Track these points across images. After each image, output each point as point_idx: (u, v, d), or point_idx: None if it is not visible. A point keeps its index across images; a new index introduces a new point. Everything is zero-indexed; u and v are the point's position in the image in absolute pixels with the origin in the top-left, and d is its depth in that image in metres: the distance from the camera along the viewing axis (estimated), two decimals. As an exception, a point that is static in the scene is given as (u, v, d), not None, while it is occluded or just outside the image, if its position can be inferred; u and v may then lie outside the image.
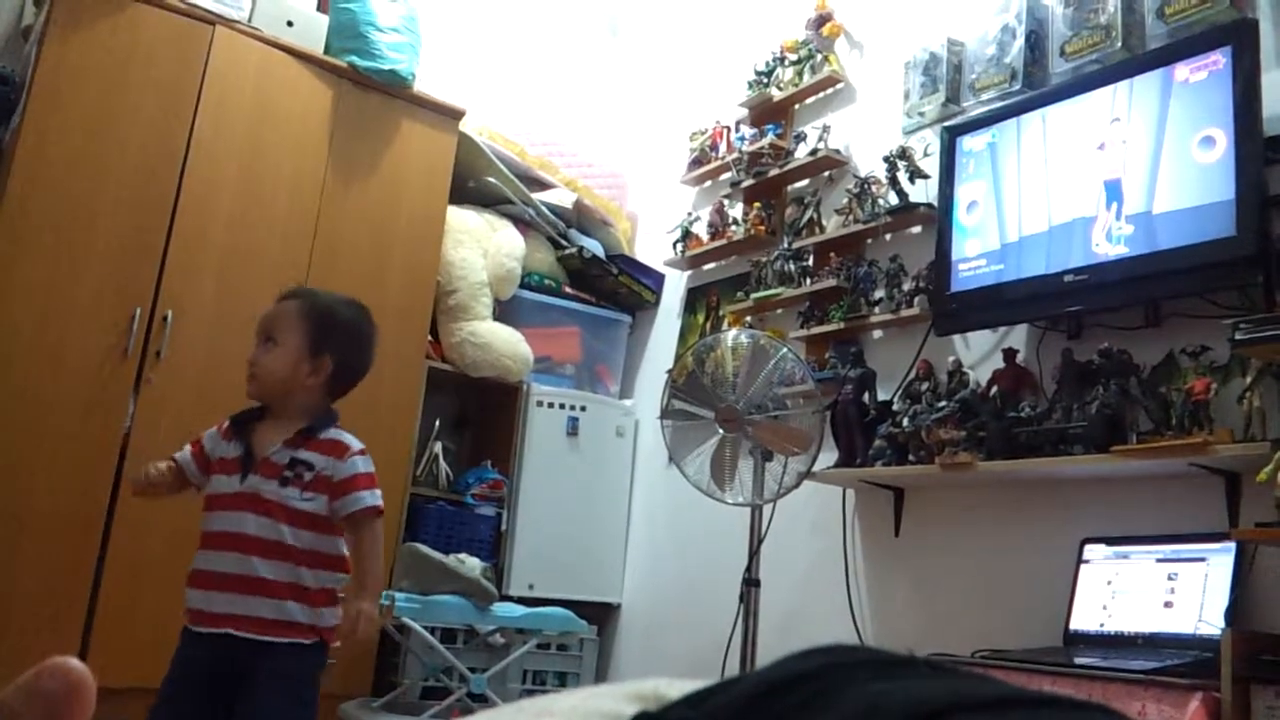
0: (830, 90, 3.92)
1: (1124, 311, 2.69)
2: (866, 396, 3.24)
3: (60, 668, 0.34)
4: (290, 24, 3.84)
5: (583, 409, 4.35)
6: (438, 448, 4.17)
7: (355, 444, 2.23)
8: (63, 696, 0.34)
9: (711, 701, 0.33)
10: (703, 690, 0.34)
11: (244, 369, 2.28)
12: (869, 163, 3.60)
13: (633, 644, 4.21)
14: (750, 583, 2.99)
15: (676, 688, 0.34)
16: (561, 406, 4.31)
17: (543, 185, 4.57)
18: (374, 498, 2.19)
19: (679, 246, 4.36)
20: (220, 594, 2.10)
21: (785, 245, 3.78)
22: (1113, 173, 2.67)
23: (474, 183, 4.32)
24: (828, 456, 3.19)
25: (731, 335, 3.11)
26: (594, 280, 4.56)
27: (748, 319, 3.93)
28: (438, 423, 4.18)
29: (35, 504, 3.18)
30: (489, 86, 4.61)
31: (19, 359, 3.21)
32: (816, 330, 3.55)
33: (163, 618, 3.24)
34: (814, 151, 3.78)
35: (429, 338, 4.07)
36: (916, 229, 3.41)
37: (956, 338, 3.17)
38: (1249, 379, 2.34)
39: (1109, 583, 2.54)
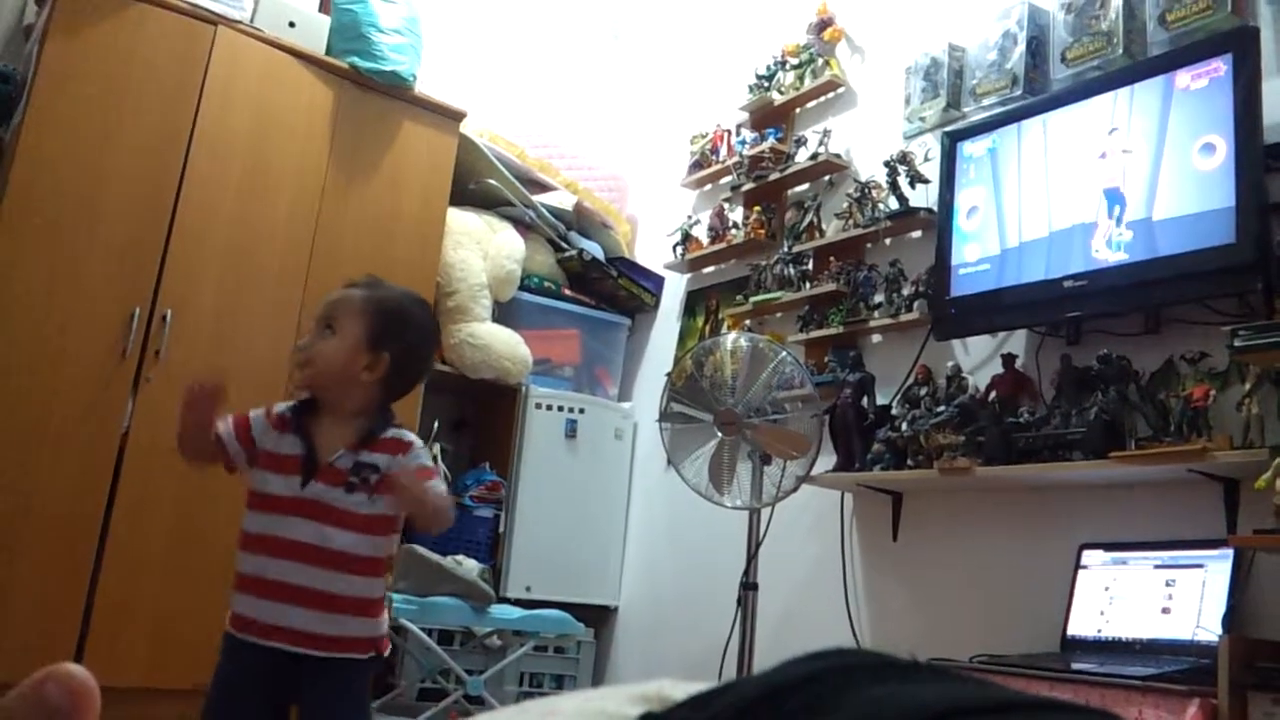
0: (831, 94, 3.93)
1: (1123, 318, 2.70)
2: (865, 401, 3.24)
3: (63, 675, 0.33)
4: (292, 25, 3.84)
5: (581, 411, 4.35)
6: (436, 449, 4.16)
7: (416, 439, 2.10)
8: (67, 706, 0.33)
9: (715, 704, 0.33)
10: (706, 692, 0.34)
11: (244, 370, 2.25)
12: (869, 167, 3.60)
13: (630, 647, 4.20)
14: (748, 586, 3.00)
15: (681, 689, 0.34)
16: (560, 409, 4.31)
17: (543, 187, 4.57)
18: (434, 487, 2.03)
19: (679, 250, 4.36)
20: (274, 604, 1.95)
21: (785, 249, 3.78)
22: (1113, 179, 2.67)
23: (474, 184, 4.32)
24: (826, 460, 3.19)
25: (730, 339, 3.12)
26: (593, 283, 4.56)
27: (747, 322, 3.93)
28: (436, 424, 4.18)
29: (33, 503, 3.17)
30: (490, 88, 4.61)
31: (18, 358, 3.21)
32: (816, 334, 3.56)
33: (160, 617, 3.25)
34: (814, 156, 3.78)
35: (428, 339, 4.06)
36: (916, 234, 3.41)
37: (956, 343, 3.17)
38: (1248, 385, 2.34)
39: (1107, 588, 2.54)
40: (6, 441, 3.17)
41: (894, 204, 3.40)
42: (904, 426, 3.05)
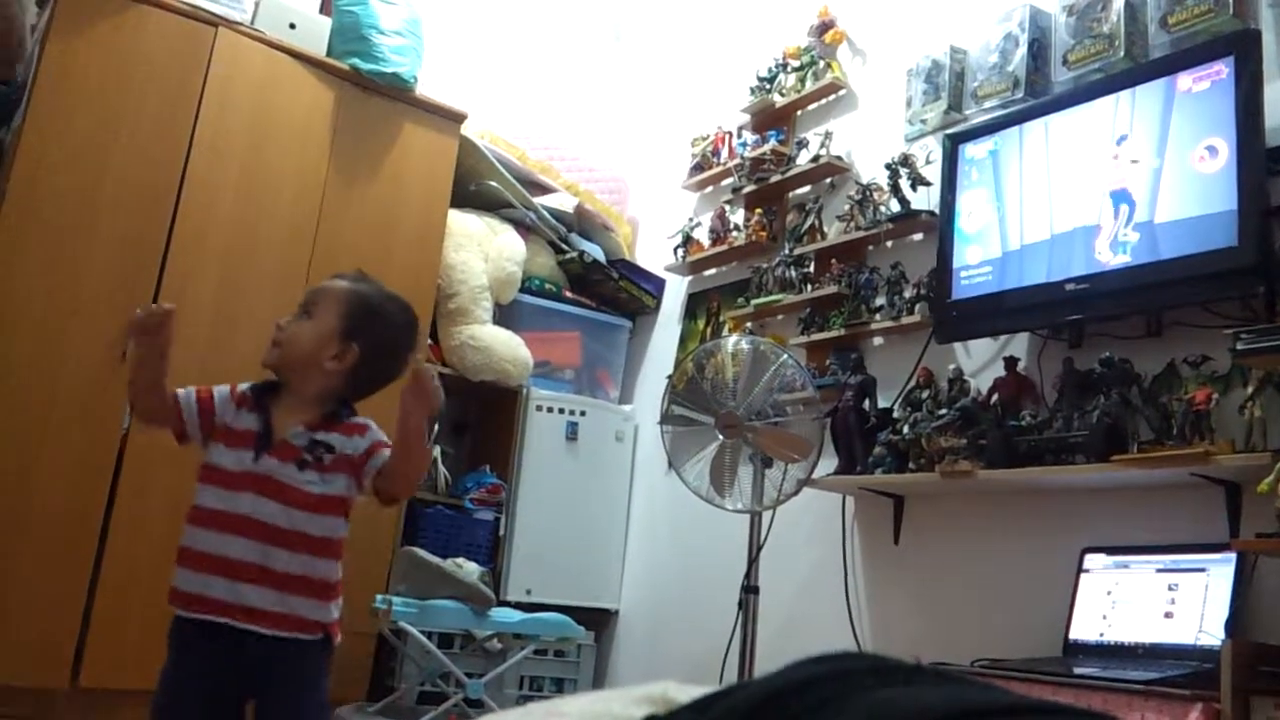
0: (832, 97, 3.93)
1: (1125, 321, 2.69)
2: (867, 403, 3.24)
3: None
4: (293, 26, 3.84)
5: (582, 414, 4.34)
6: (436, 452, 4.16)
7: (373, 423, 2.13)
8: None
9: (718, 707, 0.33)
10: (710, 695, 0.33)
11: (244, 370, 2.25)
12: (871, 169, 3.60)
13: (631, 650, 4.20)
14: (749, 590, 2.99)
15: (685, 692, 0.34)
16: (561, 411, 4.30)
17: (544, 189, 4.57)
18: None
19: (680, 252, 4.36)
20: (221, 580, 1.96)
21: (786, 251, 3.78)
22: (1115, 182, 2.67)
23: (475, 186, 4.32)
24: (827, 463, 3.19)
25: (732, 341, 3.11)
26: (595, 285, 4.56)
27: (748, 325, 3.93)
28: (436, 427, 4.18)
29: (33, 503, 3.17)
30: (491, 90, 4.61)
31: (19, 358, 3.21)
32: (817, 337, 3.55)
33: (159, 619, 3.22)
34: (816, 158, 3.78)
35: (429, 341, 4.06)
36: (918, 236, 3.41)
37: (957, 345, 3.17)
38: (1250, 389, 2.34)
39: (1109, 592, 2.54)
40: (6, 441, 3.17)
41: (895, 206, 3.40)
42: (905, 429, 3.04)
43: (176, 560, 2.03)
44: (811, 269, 3.73)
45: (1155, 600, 2.43)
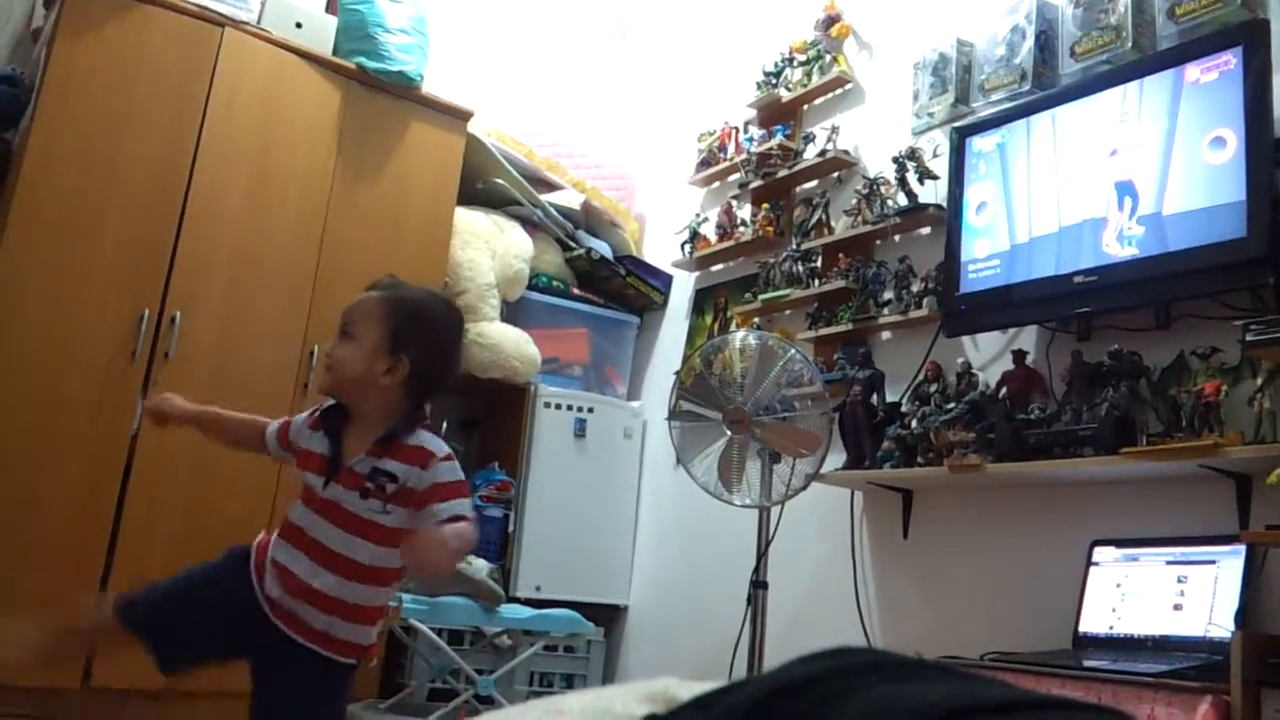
0: (839, 91, 3.92)
1: (1134, 313, 2.68)
2: (875, 398, 3.23)
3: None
4: (299, 25, 3.85)
5: (590, 410, 4.34)
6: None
7: (440, 449, 2.04)
8: None
9: (721, 704, 0.33)
10: (712, 692, 0.33)
11: (251, 370, 2.25)
12: (878, 164, 3.59)
13: (640, 646, 4.20)
14: (758, 585, 2.99)
15: (687, 689, 0.34)
16: (569, 408, 4.31)
17: (550, 186, 4.57)
18: (456, 508, 1.97)
19: (687, 248, 4.35)
20: (281, 591, 1.98)
21: (794, 246, 3.78)
22: (1123, 174, 2.66)
23: (482, 184, 4.32)
24: (836, 458, 3.18)
25: (739, 336, 3.11)
26: (602, 281, 4.56)
27: (756, 320, 3.93)
28: (445, 424, 4.18)
29: (43, 505, 3.18)
30: (497, 88, 4.61)
31: (28, 360, 3.22)
32: (825, 331, 3.55)
33: (171, 618, 3.25)
34: (823, 152, 3.77)
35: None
36: (925, 230, 3.40)
37: (965, 339, 3.16)
38: (1260, 380, 2.33)
39: (1118, 585, 2.53)
40: (17, 443, 3.18)
41: (903, 200, 3.39)
42: (914, 424, 3.04)
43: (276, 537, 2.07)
44: (819, 264, 3.72)
45: (1165, 593, 2.42)
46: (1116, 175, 2.68)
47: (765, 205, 4.03)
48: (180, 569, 2.10)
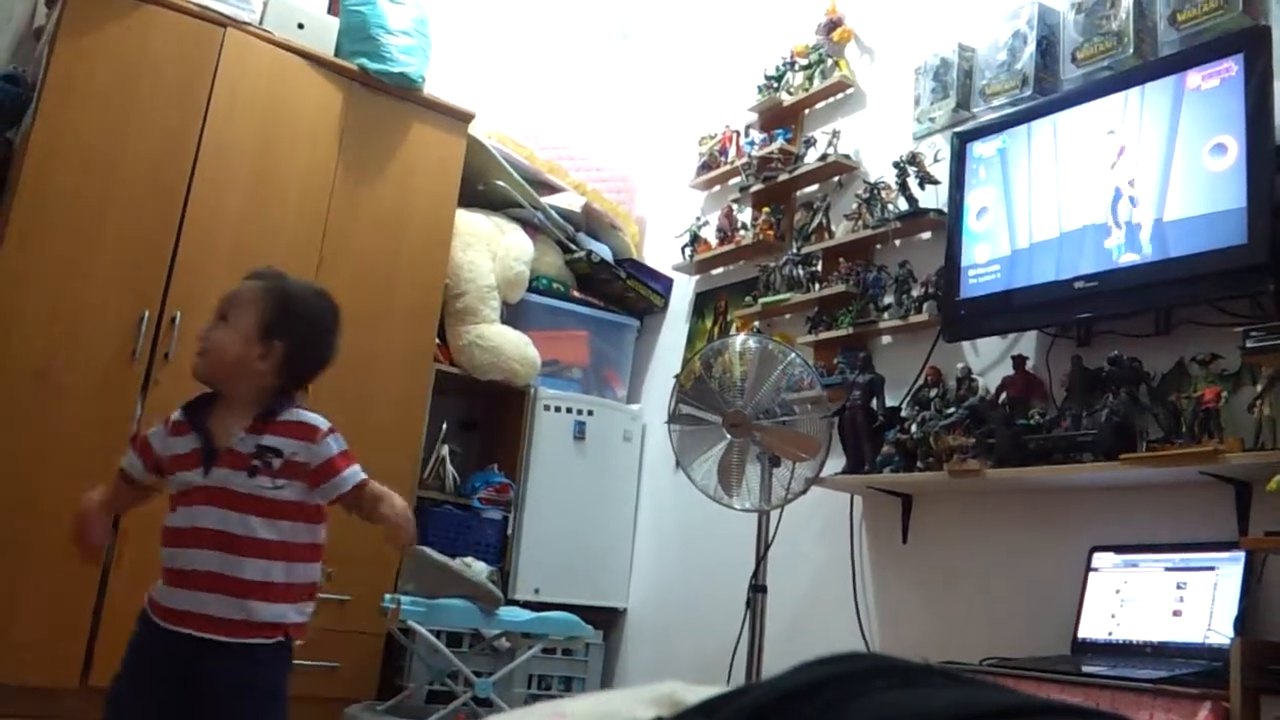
0: (840, 95, 3.92)
1: (1134, 319, 2.68)
2: (875, 402, 3.23)
3: None
4: (301, 26, 3.85)
5: (590, 413, 4.34)
6: (445, 451, 4.17)
7: (323, 423, 2.12)
8: None
9: (727, 708, 0.33)
10: (718, 697, 0.33)
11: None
12: (879, 168, 3.59)
13: (639, 649, 4.20)
14: (757, 589, 2.99)
15: (693, 692, 0.34)
16: (569, 410, 4.31)
17: (551, 189, 4.57)
18: (352, 477, 2.09)
19: (687, 251, 4.35)
20: (185, 591, 2.01)
21: (794, 250, 3.78)
22: (1124, 180, 2.66)
23: (483, 186, 4.33)
24: (835, 462, 3.19)
25: (739, 340, 3.11)
26: (602, 284, 4.56)
27: (756, 324, 3.93)
28: (445, 426, 4.18)
29: (42, 505, 3.18)
30: (499, 90, 4.62)
31: (27, 359, 3.22)
32: (825, 336, 3.55)
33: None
34: (824, 156, 3.77)
35: (437, 341, 4.07)
36: (926, 235, 3.40)
37: (966, 344, 3.16)
38: (1259, 387, 2.33)
39: (1118, 591, 2.53)
40: (16, 442, 3.18)
41: (903, 205, 3.39)
42: (914, 428, 3.04)
43: (161, 577, 2.09)
44: (819, 268, 3.72)
45: (1164, 599, 2.42)
46: (1117, 181, 2.68)
47: (766, 209, 4.03)
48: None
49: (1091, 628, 2.54)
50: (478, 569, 3.57)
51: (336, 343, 2.24)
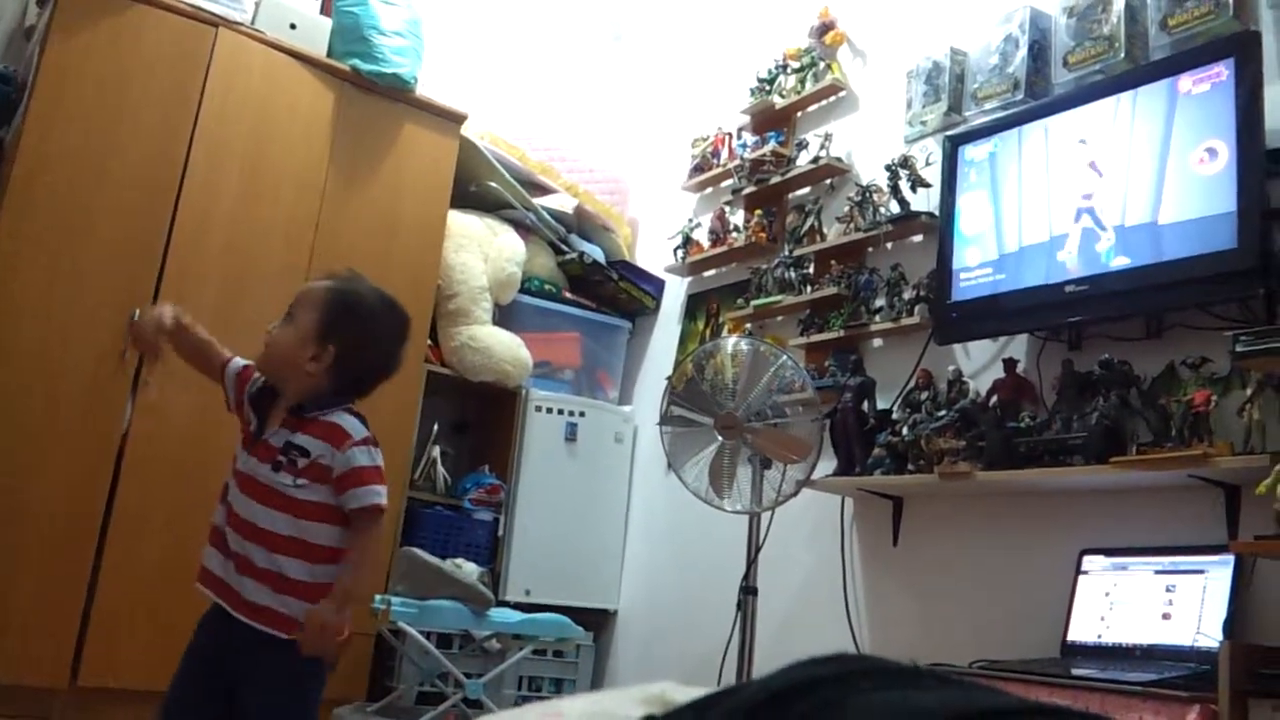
0: (832, 98, 3.93)
1: (1124, 322, 2.69)
2: (866, 405, 3.24)
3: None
4: (293, 27, 3.84)
5: (582, 415, 4.34)
6: (436, 452, 4.16)
7: (357, 432, 2.11)
8: None
9: (718, 708, 0.33)
10: (709, 696, 0.33)
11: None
12: (870, 171, 3.60)
13: (630, 651, 4.20)
14: (748, 591, 2.99)
15: (684, 692, 0.34)
16: (560, 412, 4.30)
17: (544, 190, 4.57)
18: (371, 495, 2.07)
19: (680, 253, 4.36)
20: (218, 555, 2.08)
21: (786, 253, 3.78)
22: (1115, 184, 2.67)
23: (475, 187, 4.32)
24: (826, 465, 3.19)
25: (731, 342, 3.11)
26: (594, 286, 4.56)
27: (748, 326, 3.93)
28: (436, 427, 4.18)
29: (32, 505, 3.17)
30: (491, 91, 4.61)
31: (17, 359, 3.21)
32: (816, 338, 3.55)
33: (158, 620, 3.24)
34: (816, 159, 3.78)
35: (428, 342, 4.06)
36: (918, 238, 3.41)
37: (957, 347, 3.17)
38: (1249, 391, 2.34)
39: (1107, 594, 2.54)
40: (7, 441, 3.17)
41: (895, 208, 3.40)
42: (905, 431, 3.04)
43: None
44: (811, 270, 3.73)
45: (1153, 602, 2.43)
46: (1108, 185, 2.69)
47: (758, 211, 4.03)
48: (168, 566, 2.18)
49: (1081, 630, 2.55)
50: (468, 570, 3.57)
51: (398, 353, 2.23)
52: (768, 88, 4.12)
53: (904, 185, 3.36)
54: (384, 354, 2.22)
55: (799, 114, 4.08)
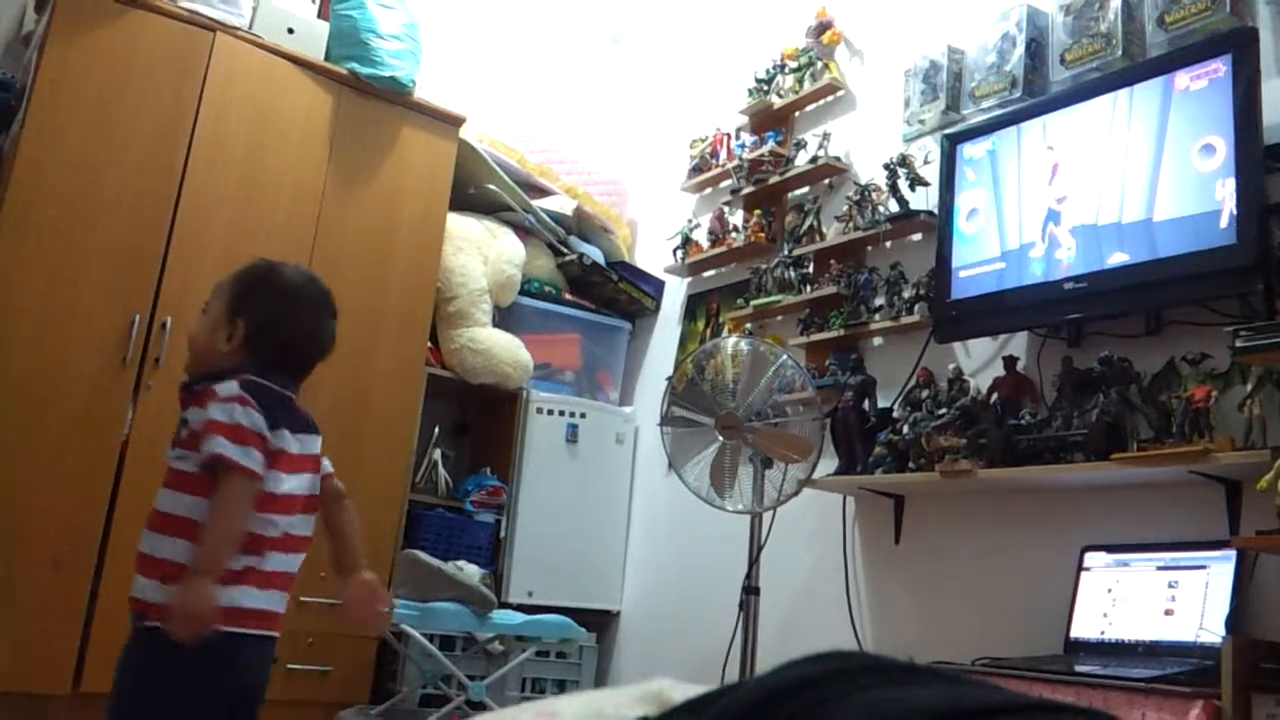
0: (830, 98, 3.93)
1: (1124, 319, 2.69)
2: (867, 404, 3.24)
3: None
4: (291, 31, 3.84)
5: (582, 416, 4.34)
6: (437, 454, 4.17)
7: (224, 390, 1.91)
8: None
9: (715, 706, 0.33)
10: (706, 695, 0.33)
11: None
12: (869, 170, 3.60)
13: (632, 652, 4.20)
14: (750, 590, 2.99)
15: (681, 690, 0.34)
16: (561, 413, 4.30)
17: (543, 192, 4.57)
18: (212, 444, 1.85)
19: (679, 253, 4.36)
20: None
21: (785, 252, 3.78)
22: (1112, 181, 2.67)
23: (474, 189, 4.32)
24: (828, 464, 3.19)
25: (731, 342, 3.12)
26: (594, 287, 4.56)
27: (748, 326, 3.93)
28: (437, 429, 4.18)
29: (33, 511, 3.17)
30: (489, 93, 4.61)
31: (18, 365, 3.20)
32: (817, 337, 3.55)
33: (161, 624, 3.24)
34: (814, 159, 3.78)
35: (429, 344, 4.06)
36: (917, 236, 3.41)
37: (957, 345, 3.17)
38: (1249, 386, 2.34)
39: (1109, 590, 2.54)
40: (6, 448, 3.17)
41: (894, 207, 3.40)
42: (905, 429, 3.04)
43: None
44: (810, 270, 3.73)
45: (1156, 598, 2.43)
46: (1107, 182, 2.69)
47: (757, 211, 4.03)
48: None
49: (1084, 627, 2.55)
50: (470, 572, 3.57)
51: (322, 326, 2.12)
52: (766, 88, 4.12)
53: (903, 184, 3.37)
54: (303, 328, 2.10)
55: (797, 114, 4.09)
